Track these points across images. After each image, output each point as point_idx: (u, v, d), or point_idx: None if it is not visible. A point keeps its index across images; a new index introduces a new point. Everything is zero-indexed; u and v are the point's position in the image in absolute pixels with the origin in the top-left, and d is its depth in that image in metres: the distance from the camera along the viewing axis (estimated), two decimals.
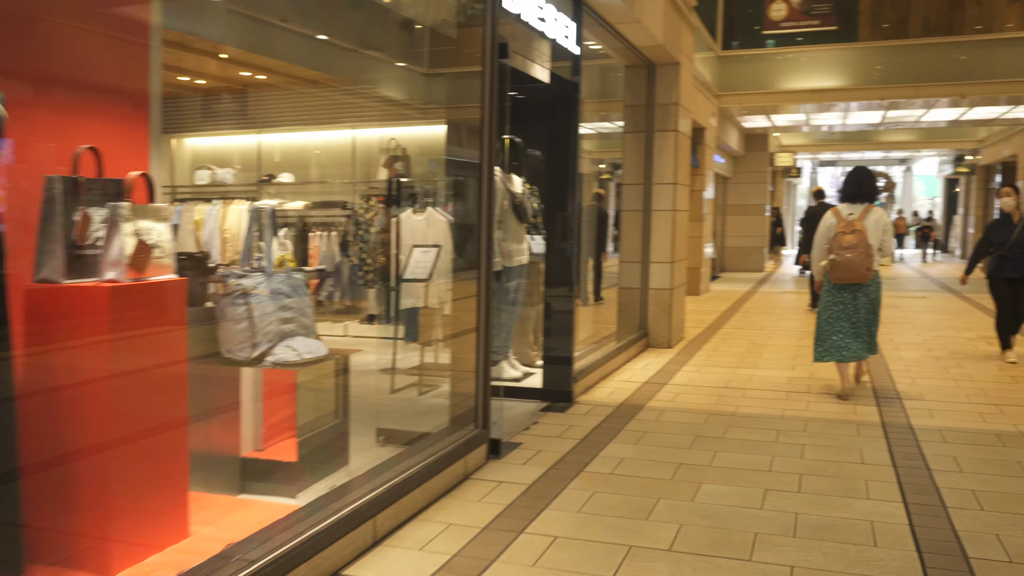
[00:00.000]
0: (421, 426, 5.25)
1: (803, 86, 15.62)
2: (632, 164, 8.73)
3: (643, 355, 8.34)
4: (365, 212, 9.52)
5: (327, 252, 9.57)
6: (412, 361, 6.58)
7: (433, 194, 6.86)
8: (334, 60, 7.32)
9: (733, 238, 21.34)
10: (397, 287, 6.85)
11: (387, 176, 8.75)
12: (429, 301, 6.56)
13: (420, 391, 6.37)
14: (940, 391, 6.63)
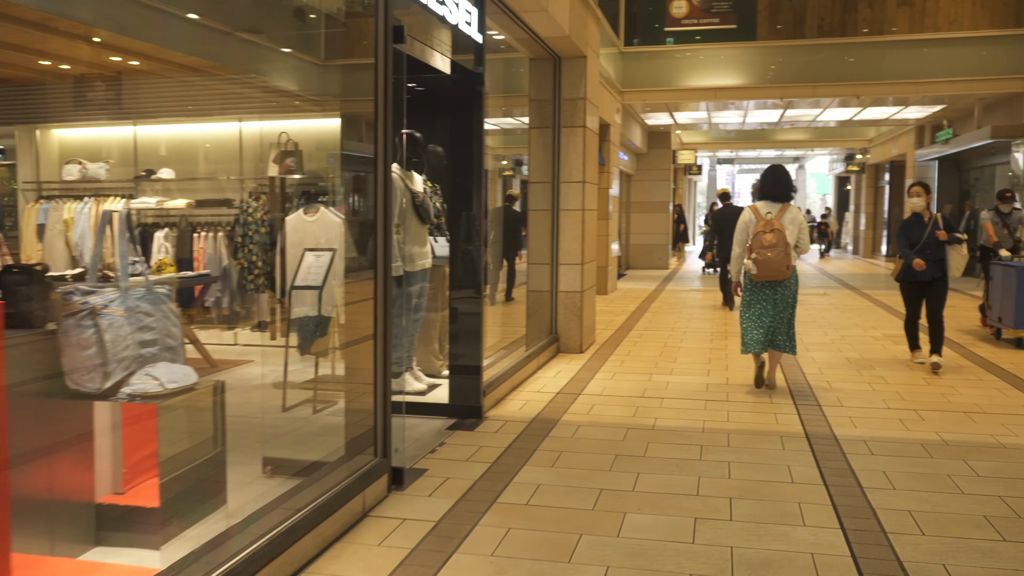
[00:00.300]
0: (315, 452, 4.69)
1: (704, 84, 15.62)
2: (539, 161, 8.33)
3: (555, 361, 7.95)
4: (254, 211, 8.80)
5: (213, 254, 8.83)
6: (307, 374, 6.00)
7: (328, 193, 6.28)
8: (216, 46, 6.61)
9: (638, 235, 21.32)
10: (287, 295, 6.24)
11: (278, 173, 8.12)
12: (323, 309, 5.98)
13: (315, 408, 5.79)
14: (857, 396, 6.47)
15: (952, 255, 7.20)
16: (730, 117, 19.29)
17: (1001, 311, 8.81)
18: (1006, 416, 5.79)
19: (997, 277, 8.96)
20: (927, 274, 7.23)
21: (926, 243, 7.23)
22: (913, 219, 7.46)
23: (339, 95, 5.12)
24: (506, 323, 9.33)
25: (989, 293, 9.22)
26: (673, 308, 12.42)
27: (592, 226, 8.80)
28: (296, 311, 6.14)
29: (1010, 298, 8.56)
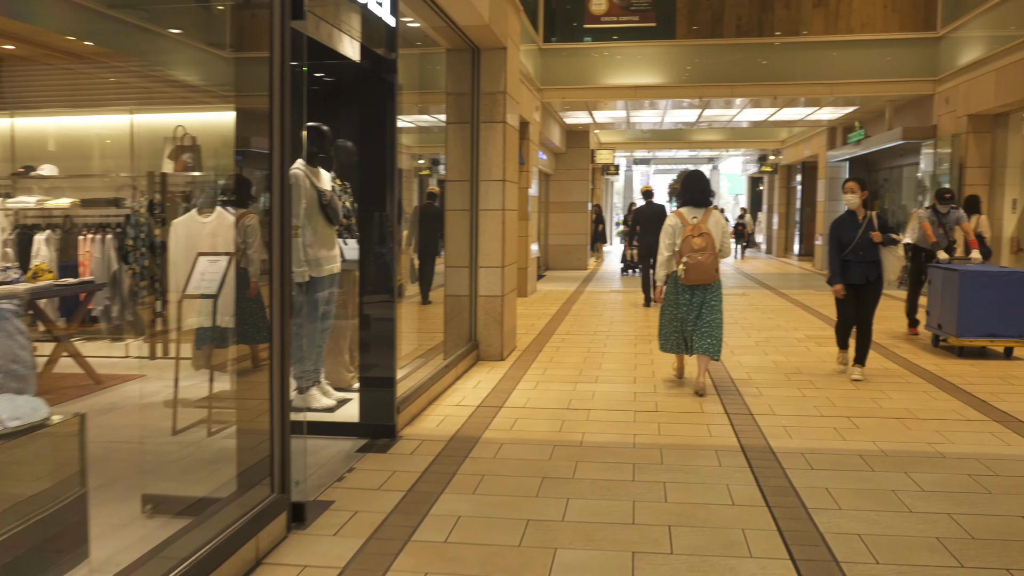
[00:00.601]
0: (204, 485, 4.14)
1: (623, 82, 15.44)
2: (457, 159, 7.88)
3: (474, 370, 7.52)
4: (147, 212, 8.12)
5: (101, 259, 8.08)
6: (203, 390, 5.41)
7: (229, 192, 5.70)
8: (103, 29, 5.94)
9: (556, 236, 21.07)
10: (179, 304, 5.63)
11: (174, 169, 7.47)
12: (219, 320, 5.41)
13: (210, 430, 5.21)
14: (788, 403, 6.24)
15: (887, 257, 6.82)
16: (648, 117, 19.22)
17: (941, 318, 8.29)
18: (939, 422, 5.63)
19: (936, 281, 8.45)
20: (860, 277, 6.82)
21: (860, 243, 6.76)
22: (846, 217, 6.96)
23: (232, 82, 4.57)
24: (423, 329, 8.85)
25: (929, 298, 8.67)
26: (594, 310, 12.14)
27: (513, 227, 8.41)
28: (190, 322, 5.55)
29: (951, 304, 8.01)
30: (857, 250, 6.80)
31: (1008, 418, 5.75)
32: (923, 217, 9.25)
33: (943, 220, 9.15)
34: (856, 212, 6.91)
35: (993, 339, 7.89)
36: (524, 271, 14.11)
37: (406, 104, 9.44)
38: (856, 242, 6.78)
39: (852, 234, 6.83)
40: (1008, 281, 7.82)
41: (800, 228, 25.52)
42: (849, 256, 6.82)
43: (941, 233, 9.14)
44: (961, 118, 13.41)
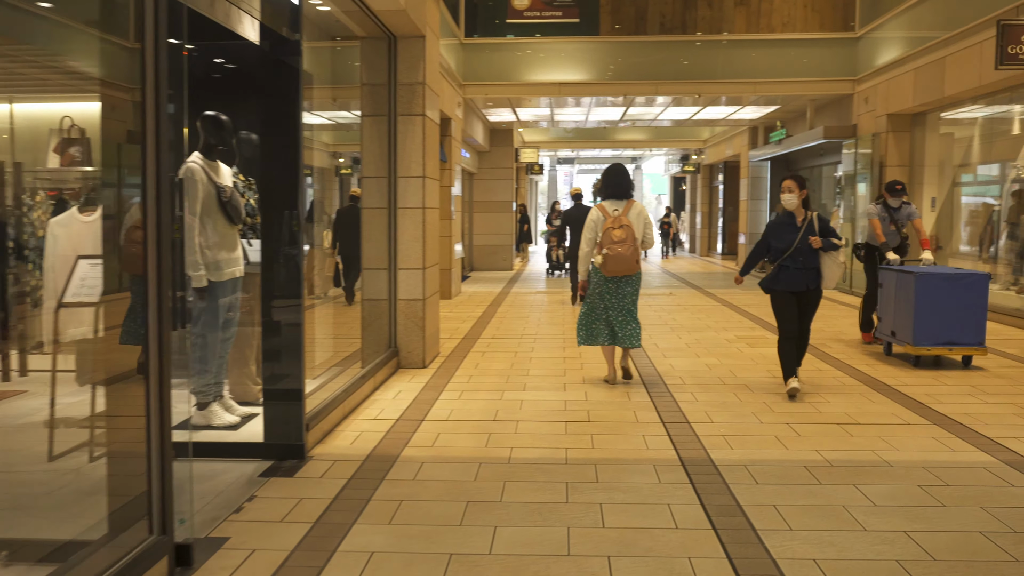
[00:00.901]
0: (74, 525, 3.58)
1: (547, 79, 15.13)
2: (373, 154, 7.38)
3: (394, 379, 7.03)
4: (29, 210, 7.36)
5: None
6: (85, 408, 4.81)
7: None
8: None
9: (481, 236, 20.67)
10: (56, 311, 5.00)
11: (60, 164, 6.77)
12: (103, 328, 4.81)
13: (92, 455, 4.62)
14: (725, 408, 5.95)
15: (827, 263, 6.14)
16: (573, 115, 18.98)
17: (895, 324, 7.61)
18: (880, 427, 5.41)
19: (889, 285, 7.76)
20: (799, 284, 6.12)
21: (799, 249, 6.07)
22: (784, 219, 6.26)
23: (98, 63, 4.00)
24: (341, 335, 8.30)
25: (878, 302, 8.02)
26: (521, 312, 11.77)
27: (434, 226, 7.95)
28: (68, 332, 4.94)
29: (906, 310, 7.35)
30: (796, 256, 6.09)
31: (948, 421, 5.58)
32: (872, 213, 8.43)
33: (894, 216, 8.35)
34: (795, 214, 6.21)
35: (952, 347, 7.26)
36: (448, 272, 13.65)
37: (325, 99, 8.90)
38: (795, 247, 6.09)
39: (790, 238, 6.14)
40: (967, 284, 7.18)
41: (723, 227, 25.72)
42: (788, 262, 6.13)
43: (892, 231, 8.36)
44: (881, 117, 13.52)
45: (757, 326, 10.14)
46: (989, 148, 11.80)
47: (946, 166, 13.06)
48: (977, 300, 7.16)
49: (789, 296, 6.22)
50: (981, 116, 11.81)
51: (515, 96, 15.38)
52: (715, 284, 16.32)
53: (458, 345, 8.87)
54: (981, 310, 7.18)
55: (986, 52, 10.22)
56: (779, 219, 6.34)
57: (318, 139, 10.31)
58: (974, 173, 12.43)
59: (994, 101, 11.21)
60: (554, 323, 10.60)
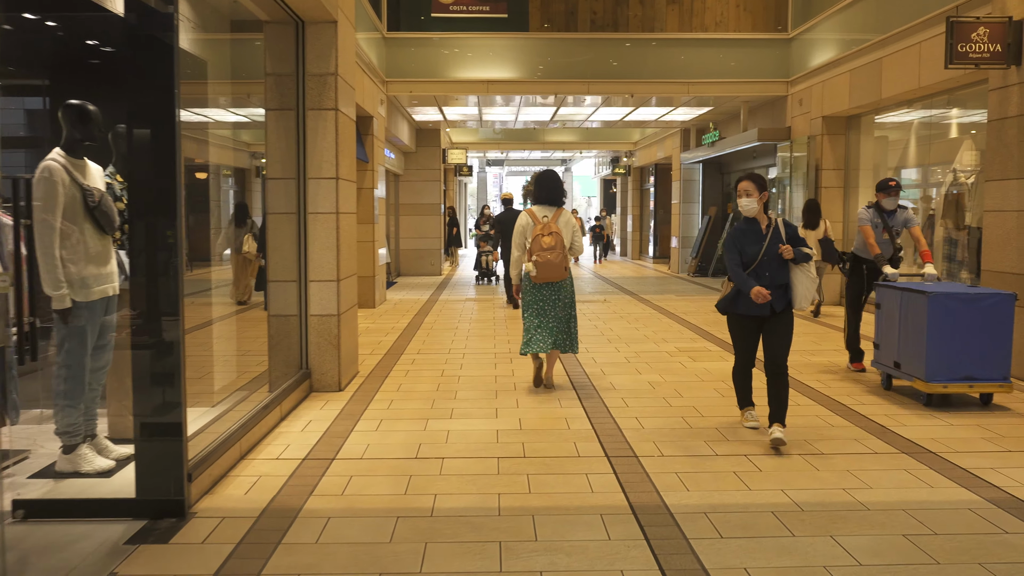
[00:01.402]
0: None
1: (474, 76, 14.44)
2: (280, 153, 6.57)
3: (305, 406, 6.25)
4: None
5: None
6: None
7: None
8: None
9: (408, 240, 19.86)
10: None
11: None
12: None
13: None
14: (675, 438, 5.35)
15: (799, 278, 5.12)
16: (501, 114, 18.33)
17: (900, 354, 6.34)
18: (847, 457, 4.89)
19: (890, 306, 6.51)
20: (763, 307, 5.08)
21: (764, 261, 5.08)
22: (745, 227, 5.26)
23: None
24: (242, 353, 7.45)
25: (878, 325, 6.70)
26: (449, 322, 11.05)
27: (350, 232, 7.18)
28: None
29: (915, 337, 6.12)
30: (761, 269, 5.08)
31: (916, 448, 5.09)
32: (864, 219, 7.16)
33: (889, 222, 7.10)
34: (757, 220, 5.23)
35: (972, 383, 6.01)
36: (371, 280, 12.84)
37: (240, 94, 8.00)
38: (760, 259, 5.07)
39: (754, 248, 5.12)
40: (989, 306, 5.97)
41: (655, 231, 25.44)
42: (751, 276, 5.10)
43: (886, 240, 7.10)
44: (816, 119, 13.25)
45: (698, 336, 9.64)
46: (926, 151, 11.59)
47: (881, 169, 12.85)
48: (1001, 325, 6.00)
49: (748, 321, 5.20)
50: (917, 119, 11.59)
51: (441, 94, 14.64)
52: (649, 289, 15.88)
53: (380, 362, 8.11)
54: (1006, 338, 6.01)
55: (925, 53, 9.94)
56: (739, 228, 5.29)
57: (237, 137, 9.40)
58: (910, 177, 12.22)
59: (932, 104, 10.98)
60: (484, 335, 9.91)
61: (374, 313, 12.15)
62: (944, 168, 11.09)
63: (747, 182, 5.21)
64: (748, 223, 5.29)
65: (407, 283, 17.58)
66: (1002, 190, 7.52)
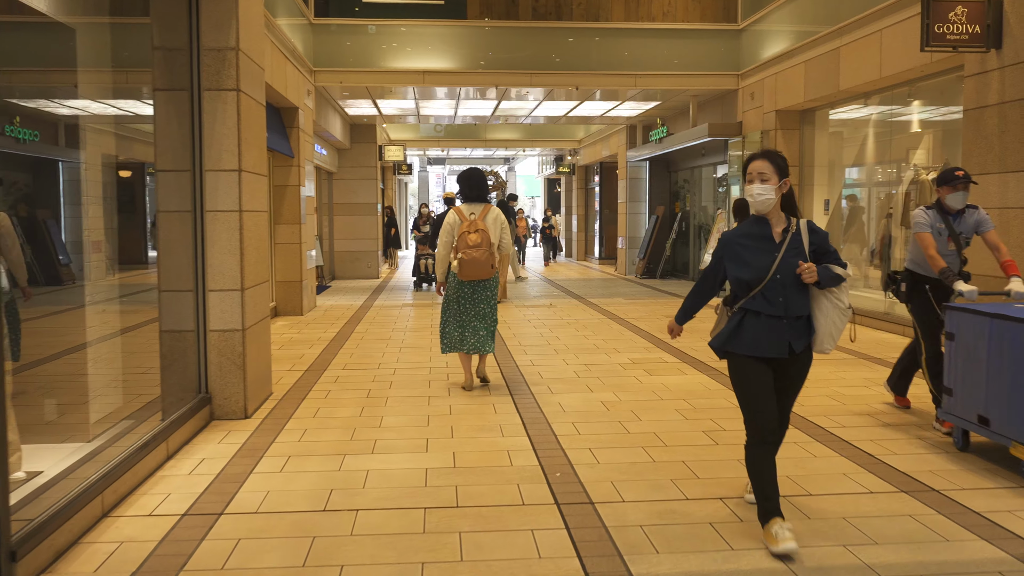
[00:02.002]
0: None
1: (409, 66, 13.51)
2: (170, 140, 5.60)
3: (201, 439, 5.28)
4: None
5: None
6: None
7: None
8: None
9: (343, 241, 18.80)
10: None
11: None
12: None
13: None
14: (637, 476, 4.54)
15: (825, 307, 3.61)
16: (441, 109, 17.40)
17: (988, 405, 4.60)
18: (843, 499, 4.13)
19: (969, 337, 4.77)
20: (777, 345, 3.59)
21: (777, 282, 3.56)
22: (750, 230, 3.69)
23: None
24: (141, 373, 6.41)
25: (949, 363, 4.96)
26: (382, 331, 10.11)
27: (258, 234, 6.21)
28: None
29: (1016, 382, 4.39)
30: (772, 293, 3.57)
31: (919, 486, 4.37)
32: (921, 224, 5.30)
33: (955, 226, 5.34)
34: (769, 221, 3.65)
35: None
36: (296, 285, 11.82)
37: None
38: (771, 277, 3.56)
39: (763, 262, 3.58)
40: None
41: (600, 231, 24.80)
42: (758, 304, 3.59)
43: (951, 251, 5.36)
44: (769, 114, 12.65)
45: (652, 346, 8.89)
46: (885, 147, 11.06)
47: (836, 166, 12.32)
48: None
49: (759, 365, 3.62)
50: (875, 113, 11.05)
51: (374, 85, 13.67)
52: (596, 292, 15.13)
53: (299, 380, 7.16)
54: None
55: (887, 41, 9.37)
56: (742, 230, 3.71)
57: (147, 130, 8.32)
58: (867, 173, 11.70)
59: (893, 98, 10.43)
60: (419, 346, 9.01)
61: (300, 322, 11.15)
62: (903, 164, 10.57)
63: (762, 161, 3.62)
64: (754, 224, 3.68)
65: (341, 287, 16.55)
66: (981, 186, 6.91)
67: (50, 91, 5.49)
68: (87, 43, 5.21)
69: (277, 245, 11.81)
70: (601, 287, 16.29)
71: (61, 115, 5.60)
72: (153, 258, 6.04)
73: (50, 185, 5.53)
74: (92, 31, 5.37)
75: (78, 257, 5.59)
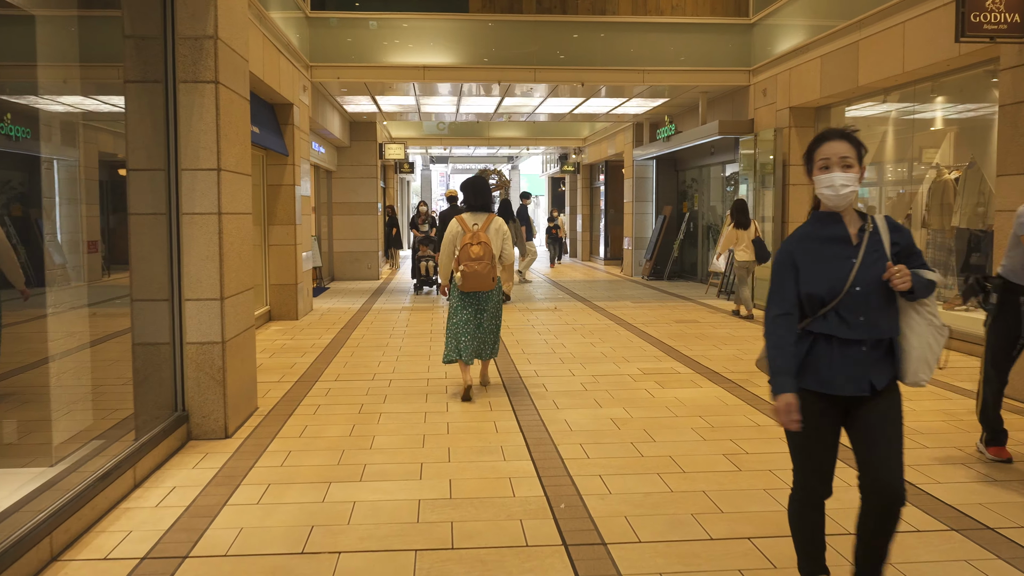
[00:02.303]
0: None
1: (409, 61, 13.04)
2: (143, 137, 5.15)
3: (175, 462, 4.84)
4: None
5: None
6: None
7: None
8: None
9: (342, 241, 18.35)
10: None
11: None
12: None
13: None
14: (655, 511, 4.08)
15: (916, 325, 2.83)
16: (442, 105, 16.92)
17: None
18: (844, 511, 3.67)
19: None
20: (856, 380, 2.78)
21: (856, 295, 2.76)
22: (819, 230, 2.87)
23: None
24: (108, 384, 5.96)
25: None
26: (379, 338, 9.66)
27: (240, 238, 5.76)
28: None
29: None
30: (849, 311, 2.77)
31: (971, 523, 3.90)
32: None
33: None
34: (843, 219, 2.86)
35: None
36: (291, 288, 11.38)
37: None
38: (848, 290, 2.76)
39: (839, 271, 2.79)
40: None
41: (605, 231, 24.32)
42: (829, 323, 2.79)
43: None
44: (782, 111, 12.17)
45: (662, 354, 8.42)
46: (905, 145, 10.57)
47: None
48: None
49: (826, 407, 2.83)
50: (895, 110, 10.57)
51: (373, 80, 13.20)
52: (602, 295, 14.66)
53: (288, 393, 6.71)
54: None
55: (911, 34, 8.88)
56: (805, 232, 2.90)
57: None
58: (886, 172, 11.22)
59: (915, 94, 9.94)
60: (418, 353, 8.55)
61: (295, 327, 10.69)
62: (927, 163, 10.09)
63: (841, 143, 2.79)
64: (821, 223, 2.86)
65: (340, 288, 16.09)
66: (1018, 186, 6.44)
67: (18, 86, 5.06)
68: (48, 33, 4.77)
69: (271, 247, 11.37)
70: (607, 289, 15.82)
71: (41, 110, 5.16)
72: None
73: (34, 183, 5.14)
74: (55, 20, 4.93)
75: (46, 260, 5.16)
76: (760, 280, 12.25)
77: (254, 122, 9.65)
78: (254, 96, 10.18)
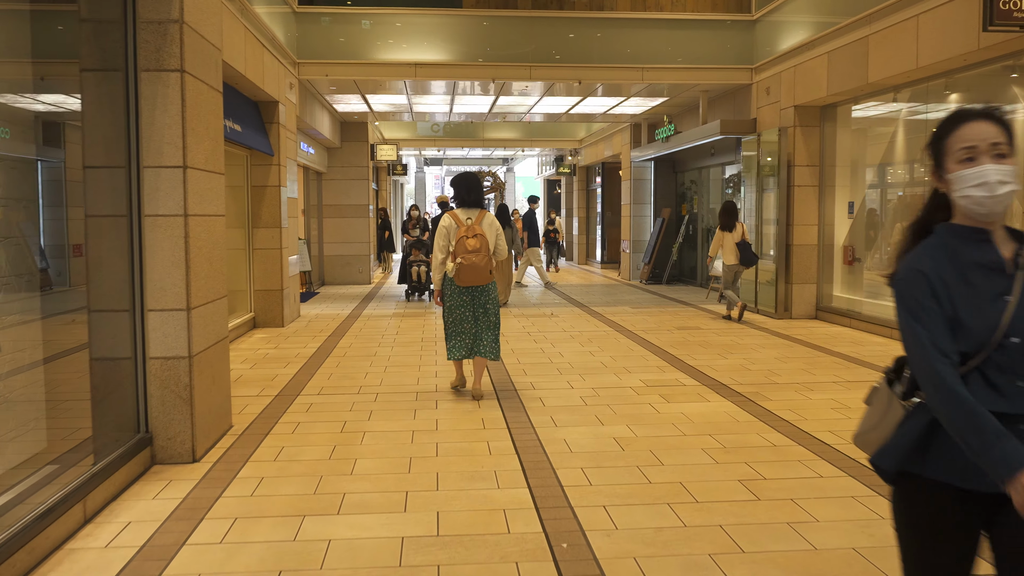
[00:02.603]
0: None
1: (400, 58, 12.59)
2: (101, 131, 4.68)
3: (135, 491, 4.37)
4: None
5: None
6: None
7: None
8: None
9: (333, 245, 17.87)
10: None
11: None
12: None
13: None
14: (667, 549, 3.62)
15: None
16: (435, 105, 16.46)
17: None
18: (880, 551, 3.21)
19: None
20: (1008, 466, 1.73)
21: (1011, 347, 1.87)
22: (963, 248, 1.95)
23: None
24: (68, 401, 5.48)
25: None
26: (367, 346, 9.19)
27: (211, 241, 5.29)
28: None
29: None
30: (1003, 365, 1.87)
31: None
32: None
33: None
34: (993, 237, 1.95)
35: None
36: (277, 294, 10.90)
37: None
38: (1001, 341, 1.87)
39: (992, 308, 1.89)
40: None
41: (602, 234, 23.87)
42: (973, 389, 1.86)
43: None
44: (786, 110, 11.73)
45: (666, 364, 7.97)
46: (917, 144, 10.15)
47: (859, 166, 11.41)
48: None
49: (960, 506, 1.95)
50: (906, 108, 10.14)
51: (363, 78, 12.74)
52: (600, 300, 14.21)
53: (266, 408, 6.24)
54: None
55: (924, 27, 8.46)
56: (941, 256, 1.96)
57: None
58: (896, 173, 10.79)
59: (928, 91, 9.51)
60: (407, 364, 8.09)
61: (280, 334, 10.22)
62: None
63: (990, 124, 1.94)
64: (963, 239, 1.97)
65: (330, 293, 15.62)
66: None
67: None
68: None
69: (256, 251, 10.89)
70: (605, 294, 15.37)
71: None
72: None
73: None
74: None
75: None
76: (745, 281, 12.05)
77: (236, 120, 9.19)
78: (237, 93, 9.71)
